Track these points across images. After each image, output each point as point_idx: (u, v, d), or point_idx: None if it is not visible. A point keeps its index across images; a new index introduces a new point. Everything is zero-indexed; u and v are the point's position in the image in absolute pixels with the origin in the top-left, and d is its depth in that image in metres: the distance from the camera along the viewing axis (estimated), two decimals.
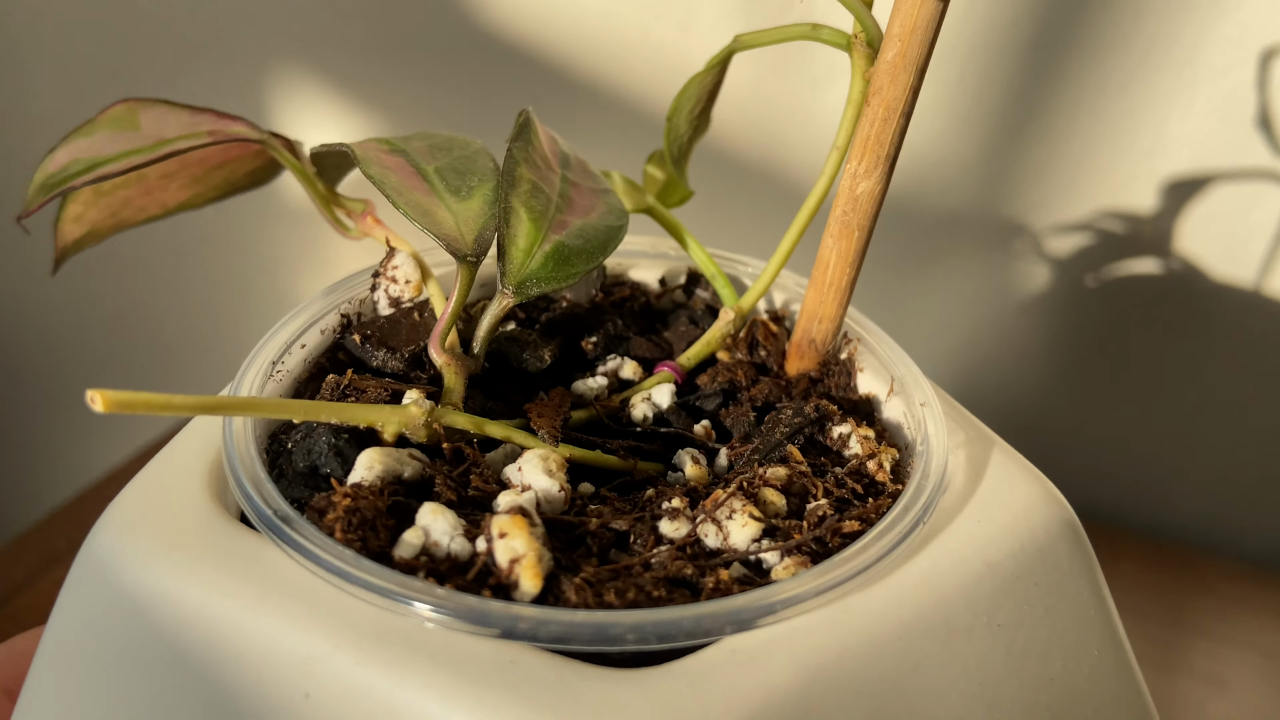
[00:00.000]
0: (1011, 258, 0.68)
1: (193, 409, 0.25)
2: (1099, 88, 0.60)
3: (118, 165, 0.39)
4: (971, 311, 0.71)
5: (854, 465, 0.31)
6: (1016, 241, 0.68)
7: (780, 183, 0.72)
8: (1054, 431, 0.73)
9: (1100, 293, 0.67)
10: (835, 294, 0.35)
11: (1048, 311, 0.70)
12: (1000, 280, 0.70)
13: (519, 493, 0.29)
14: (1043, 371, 0.72)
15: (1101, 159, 0.63)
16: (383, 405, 0.29)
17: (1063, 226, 0.66)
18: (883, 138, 0.33)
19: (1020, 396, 0.73)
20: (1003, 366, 0.73)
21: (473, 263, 0.34)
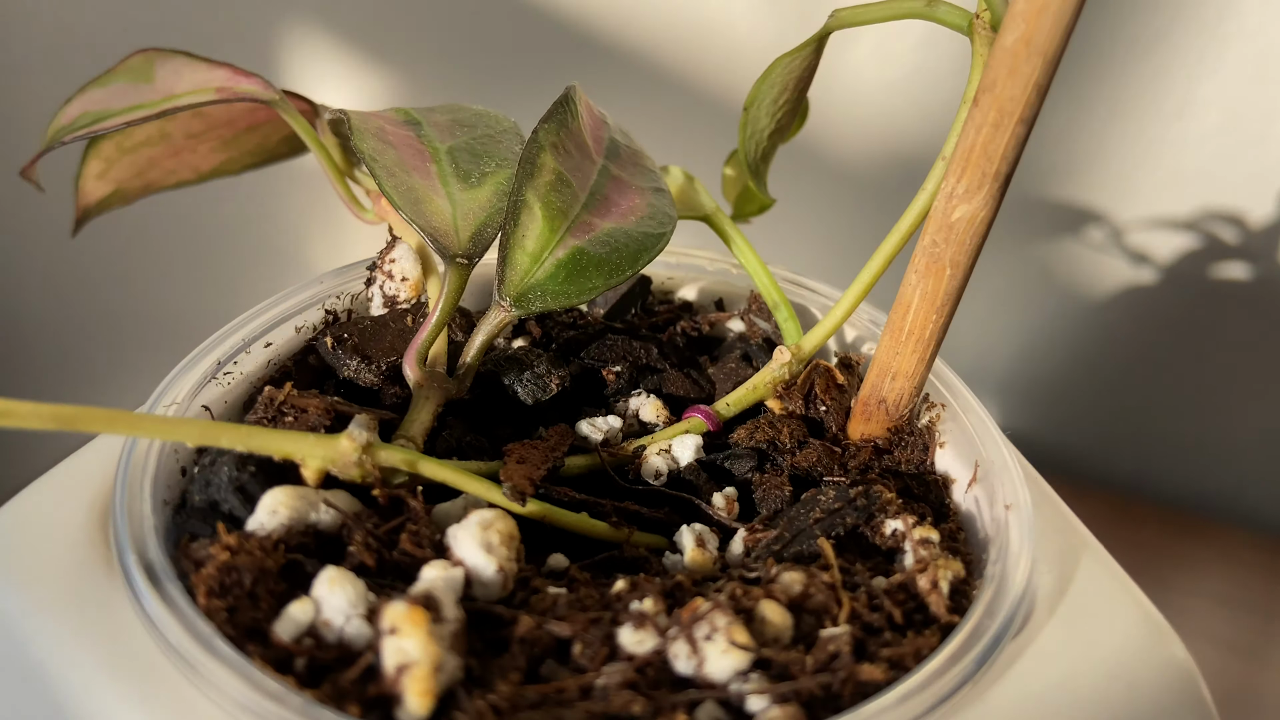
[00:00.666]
0: (1033, 224, 0.63)
1: (37, 420, 0.20)
2: (1127, 46, 0.56)
3: (120, 119, 0.35)
4: (988, 284, 0.65)
5: (900, 579, 0.24)
6: (1038, 208, 0.63)
7: (875, 196, 0.64)
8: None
9: (1130, 259, 0.63)
10: (916, 345, 0.28)
11: (1071, 282, 0.65)
12: (1024, 249, 0.65)
13: (448, 567, 0.22)
14: (1063, 340, 0.67)
15: (1128, 122, 0.59)
16: (305, 434, 0.24)
17: (1089, 191, 0.62)
18: (991, 149, 0.25)
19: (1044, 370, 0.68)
20: (1026, 339, 0.68)
21: (463, 264, 0.28)
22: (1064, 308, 0.66)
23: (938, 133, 0.60)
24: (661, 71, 0.64)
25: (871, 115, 0.62)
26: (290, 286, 0.31)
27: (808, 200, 0.64)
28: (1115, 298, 0.64)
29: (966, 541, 0.26)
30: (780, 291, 0.33)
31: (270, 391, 0.26)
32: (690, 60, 0.63)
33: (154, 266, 0.85)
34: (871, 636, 0.22)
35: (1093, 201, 0.62)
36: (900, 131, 0.62)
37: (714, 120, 0.62)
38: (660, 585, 0.23)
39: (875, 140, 0.62)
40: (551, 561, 0.26)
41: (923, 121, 0.61)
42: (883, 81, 0.60)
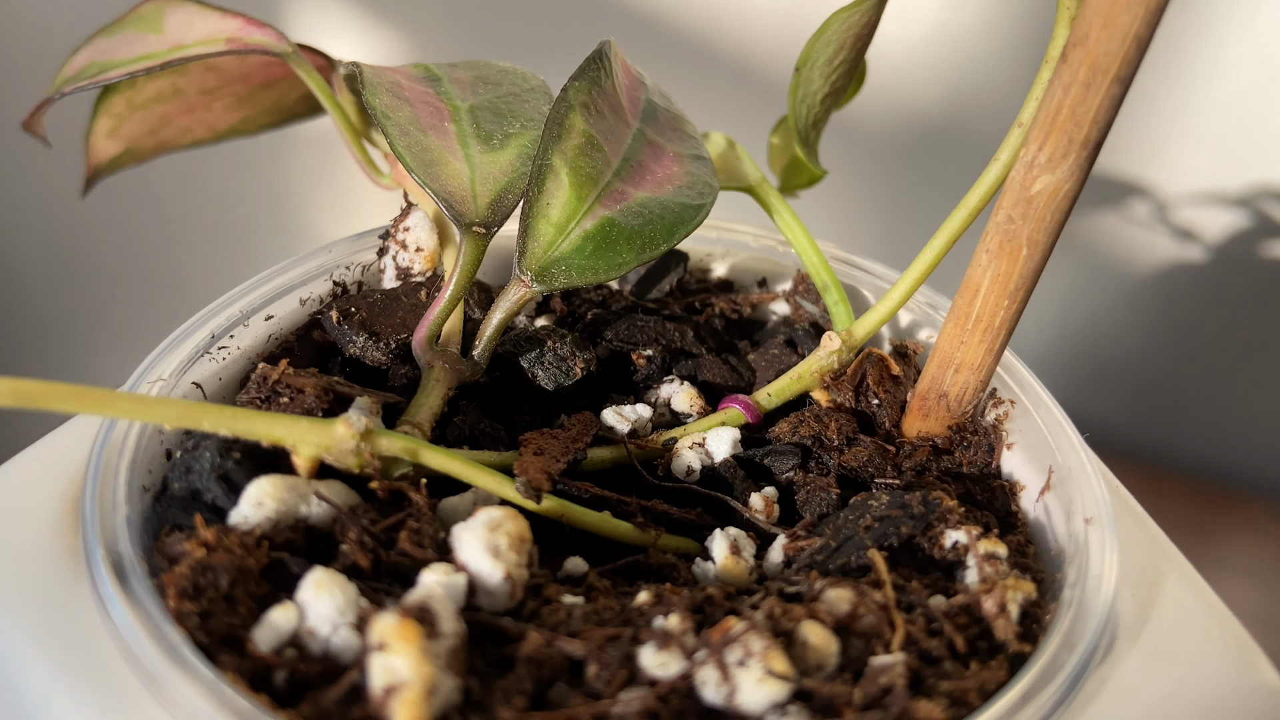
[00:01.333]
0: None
1: None
2: None
3: (126, 69, 0.33)
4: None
5: (962, 600, 0.21)
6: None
7: (938, 169, 0.60)
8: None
9: (1156, 229, 0.60)
10: (984, 334, 0.25)
11: (1097, 252, 0.62)
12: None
13: (449, 572, 0.20)
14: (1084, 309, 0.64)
15: (1157, 84, 0.56)
16: (297, 418, 0.21)
17: (1116, 158, 0.59)
18: (1080, 112, 0.22)
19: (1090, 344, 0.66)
20: (1052, 310, 0.65)
21: (480, 233, 0.25)
22: (1090, 278, 0.64)
23: (1011, 98, 0.56)
24: (705, 30, 0.60)
25: (935, 78, 0.58)
26: (296, 255, 0.29)
27: (862, 173, 0.60)
28: (1141, 268, 0.62)
29: (1037, 557, 0.23)
30: (830, 271, 0.30)
31: (264, 369, 0.24)
32: (736, 18, 0.60)
33: (163, 229, 0.83)
34: (929, 666, 0.19)
35: (1120, 169, 0.59)
36: (968, 96, 0.58)
37: (761, 85, 0.59)
38: (689, 599, 0.21)
39: (939, 106, 0.58)
40: (569, 565, 0.23)
41: (994, 85, 0.57)
42: (948, 40, 0.57)
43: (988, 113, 0.58)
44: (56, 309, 0.89)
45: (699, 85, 0.59)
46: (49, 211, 0.81)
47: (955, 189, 0.29)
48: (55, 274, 0.86)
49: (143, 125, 0.38)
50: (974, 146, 0.59)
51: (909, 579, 0.22)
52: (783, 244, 0.31)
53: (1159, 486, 0.63)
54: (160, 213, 0.81)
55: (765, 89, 0.58)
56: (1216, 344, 0.64)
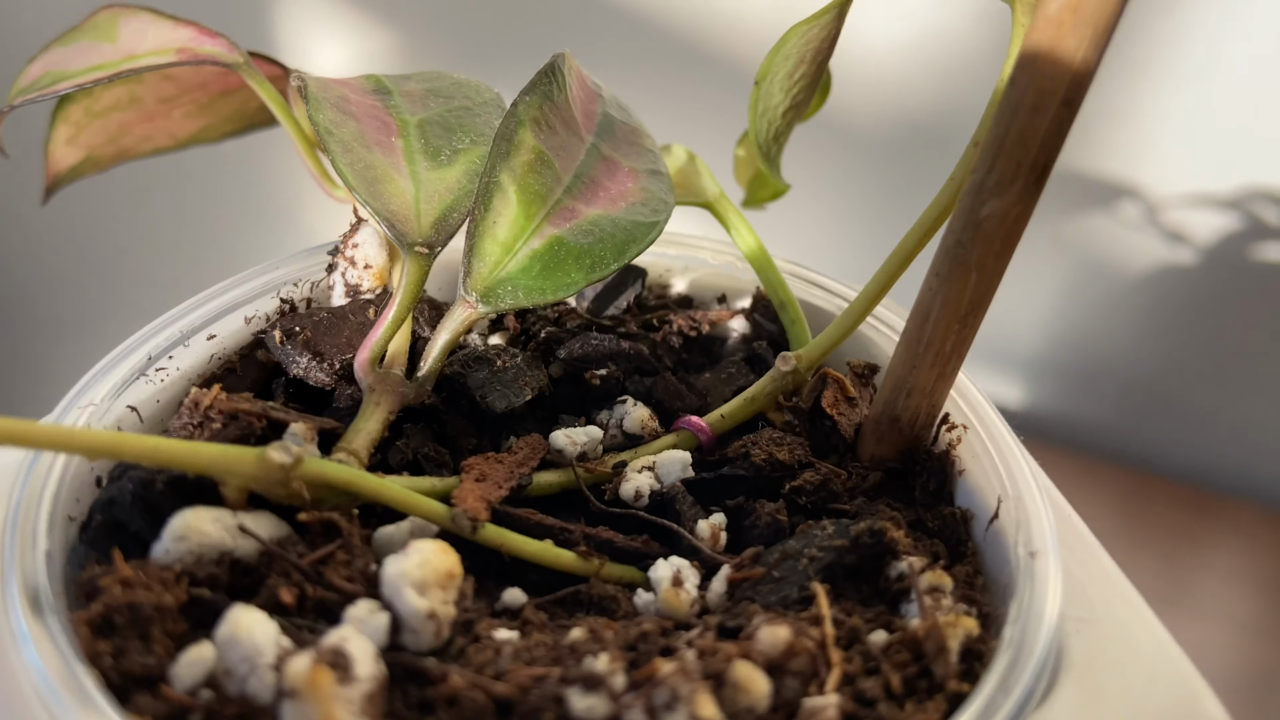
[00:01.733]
0: (1045, 193, 0.60)
1: None
2: (1147, 3, 0.53)
3: (76, 80, 0.32)
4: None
5: (903, 637, 0.20)
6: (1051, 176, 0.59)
7: (904, 183, 0.60)
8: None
9: (1146, 231, 0.59)
10: (935, 359, 0.24)
11: (1085, 254, 0.62)
12: (1035, 220, 0.61)
13: (374, 610, 0.19)
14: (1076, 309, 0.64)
15: (1147, 83, 0.56)
16: (223, 448, 0.21)
17: (1105, 159, 0.59)
18: (1028, 134, 0.21)
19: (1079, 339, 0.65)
20: (1040, 313, 0.65)
21: (422, 254, 0.25)
22: (1080, 280, 0.63)
23: (975, 116, 0.56)
24: (671, 39, 0.60)
25: (899, 93, 0.57)
26: (243, 271, 0.28)
27: (828, 186, 0.60)
28: (1131, 270, 0.61)
29: (985, 588, 0.23)
30: (787, 289, 0.29)
31: (196, 394, 0.23)
32: (701, 27, 0.59)
33: (127, 233, 0.82)
34: (864, 708, 0.19)
35: (1109, 171, 0.59)
36: (934, 113, 0.58)
37: (729, 94, 0.58)
38: (623, 635, 0.20)
39: (903, 122, 0.58)
40: (506, 596, 0.22)
41: (960, 102, 0.57)
42: (912, 56, 0.56)
43: (954, 130, 0.58)
44: (11, 312, 0.88)
45: (663, 95, 0.58)
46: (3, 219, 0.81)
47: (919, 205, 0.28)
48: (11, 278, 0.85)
49: (102, 133, 0.38)
50: (940, 163, 0.59)
51: (851, 613, 0.21)
52: (743, 259, 0.31)
53: (1148, 489, 0.63)
54: (120, 218, 0.80)
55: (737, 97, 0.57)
56: (1206, 347, 0.63)
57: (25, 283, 0.86)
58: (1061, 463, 0.63)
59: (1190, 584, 0.55)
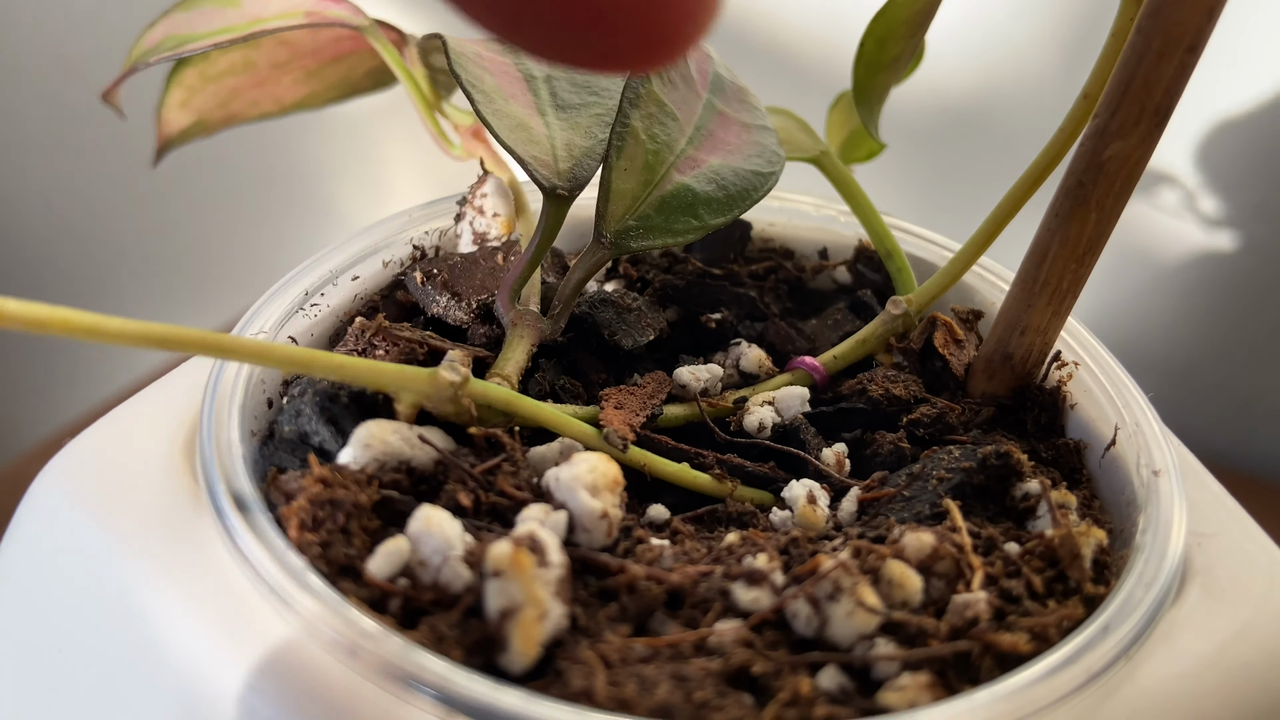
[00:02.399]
0: None
1: (124, 338, 0.19)
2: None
3: (206, 42, 0.34)
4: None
5: (1037, 546, 0.22)
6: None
7: (1001, 138, 0.60)
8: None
9: (1177, 212, 0.59)
10: (1051, 297, 0.25)
11: (1116, 237, 0.61)
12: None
13: (549, 511, 0.21)
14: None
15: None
16: (400, 367, 0.22)
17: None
18: (1153, 80, 0.22)
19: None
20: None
21: (563, 196, 0.26)
22: (1117, 266, 0.63)
23: (1068, 72, 0.57)
24: (761, 9, 0.61)
25: (992, 55, 0.58)
26: (380, 219, 0.30)
27: (918, 148, 0.61)
28: (1169, 256, 0.62)
29: (1103, 509, 0.24)
30: (893, 239, 0.30)
31: (361, 322, 0.25)
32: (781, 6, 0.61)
33: (225, 202, 0.84)
34: (1010, 604, 0.20)
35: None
36: (1025, 72, 0.58)
37: (817, 66, 0.59)
38: (775, 540, 0.22)
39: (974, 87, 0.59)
40: (651, 512, 0.24)
41: (1049, 60, 0.58)
42: (1006, 15, 0.57)
43: (1046, 88, 0.58)
44: (121, 273, 0.90)
45: (753, 63, 0.60)
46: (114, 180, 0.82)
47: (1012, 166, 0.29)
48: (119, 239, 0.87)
49: (214, 98, 0.40)
50: (1017, 123, 0.60)
51: (983, 527, 0.23)
52: (844, 214, 0.32)
53: None
54: (221, 185, 0.82)
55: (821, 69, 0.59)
56: (1243, 333, 0.64)
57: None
58: None
59: None
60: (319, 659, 0.18)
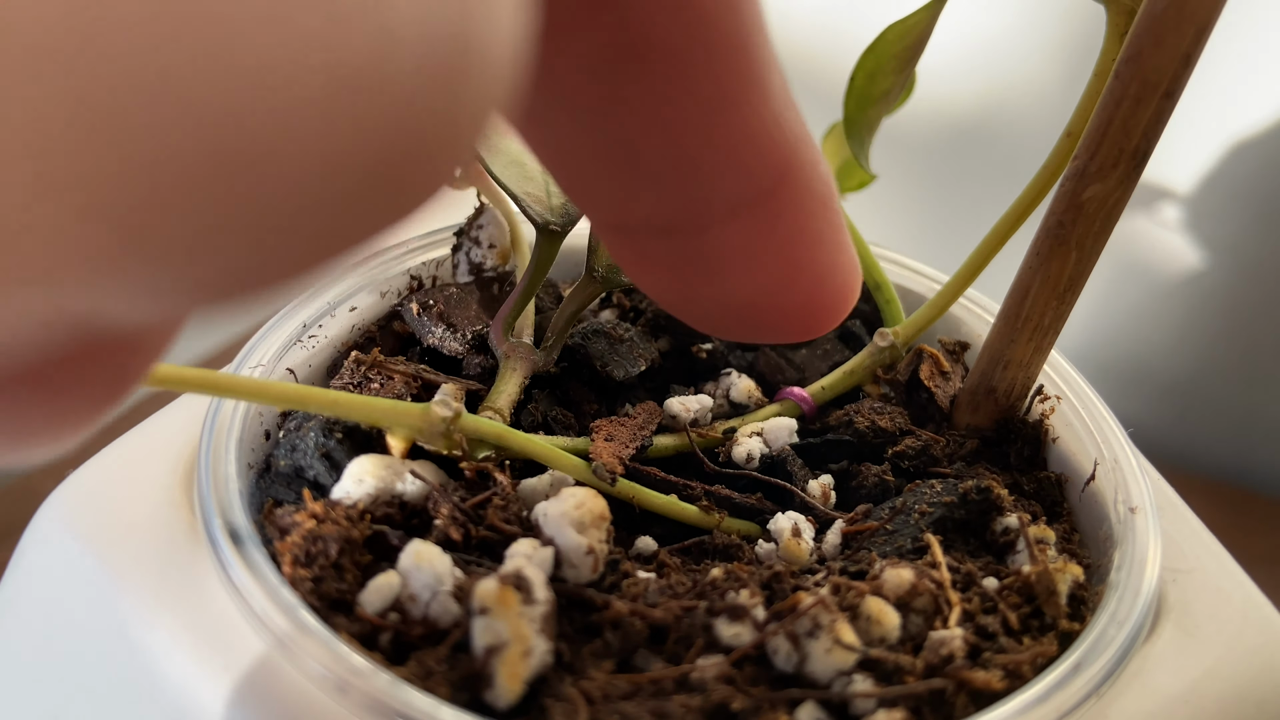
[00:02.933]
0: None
1: None
2: None
3: None
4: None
5: (1015, 582, 0.22)
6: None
7: (990, 173, 0.61)
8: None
9: (1177, 230, 0.60)
10: (1032, 333, 0.26)
11: (1117, 254, 0.61)
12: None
13: (537, 546, 0.22)
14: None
15: (1187, 89, 0.56)
16: (392, 402, 0.23)
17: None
18: (1131, 124, 0.23)
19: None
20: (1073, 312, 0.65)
21: (556, 231, 0.27)
22: (1119, 281, 0.64)
23: (1046, 104, 0.57)
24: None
25: (981, 91, 0.59)
26: (378, 250, 0.30)
27: (909, 179, 0.62)
28: (1170, 272, 0.62)
29: (1081, 544, 0.25)
30: (882, 271, 0.31)
31: (357, 355, 0.26)
32: (788, 29, 0.61)
33: None
34: (985, 641, 0.21)
35: (1150, 173, 0.60)
36: (1003, 102, 0.59)
37: (812, 92, 0.60)
38: (758, 575, 0.22)
39: (972, 113, 0.60)
40: (639, 544, 0.24)
41: (1038, 96, 0.59)
42: (994, 51, 0.58)
43: (1022, 118, 0.59)
44: None
45: None
46: None
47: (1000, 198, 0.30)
48: None
49: None
50: (1007, 152, 0.60)
51: (962, 562, 0.23)
52: None
53: (1187, 489, 0.64)
54: None
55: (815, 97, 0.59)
56: (1244, 348, 0.64)
57: None
58: None
59: None
60: (310, 695, 0.19)
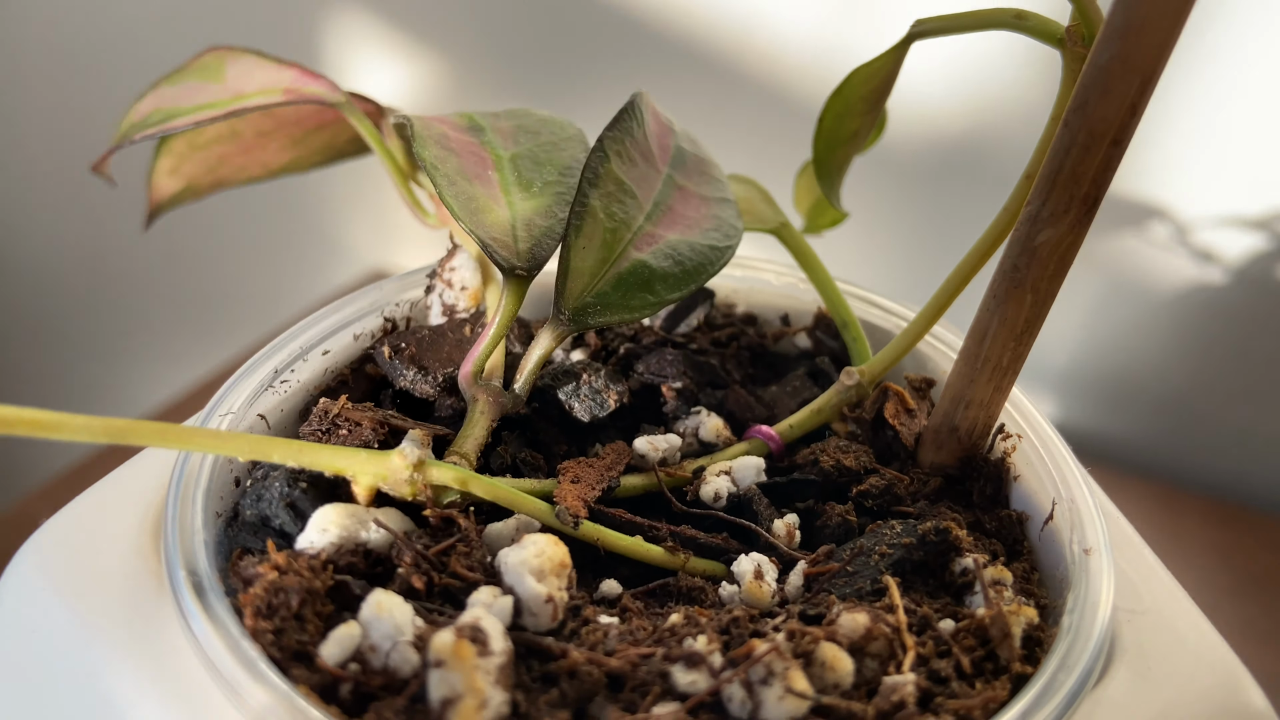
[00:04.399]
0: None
1: (89, 434, 0.20)
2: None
3: (190, 118, 0.35)
4: None
5: (969, 624, 0.22)
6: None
7: (957, 209, 0.62)
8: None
9: (1174, 249, 0.61)
10: (992, 373, 0.26)
11: (1114, 272, 0.63)
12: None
13: (497, 595, 0.22)
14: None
15: (1171, 109, 0.57)
16: (356, 451, 0.23)
17: (1132, 181, 0.61)
18: (1080, 171, 0.23)
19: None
20: (1069, 329, 0.67)
21: (521, 276, 0.27)
22: (1111, 298, 0.65)
23: (1023, 146, 0.58)
24: (737, 76, 0.63)
25: (952, 126, 0.60)
26: (349, 293, 0.31)
27: (884, 213, 0.62)
28: (1161, 289, 0.63)
29: (1040, 583, 0.25)
30: (849, 309, 0.31)
31: (324, 404, 0.26)
32: (766, 65, 0.62)
33: (221, 252, 0.86)
34: (938, 685, 0.21)
35: (1139, 191, 0.61)
36: (983, 144, 0.60)
37: (790, 125, 0.61)
38: (716, 621, 0.23)
39: (956, 153, 0.60)
40: (604, 587, 0.25)
41: (1007, 134, 0.59)
42: (963, 91, 0.59)
43: (1003, 160, 0.60)
44: (98, 324, 0.92)
45: (729, 127, 0.61)
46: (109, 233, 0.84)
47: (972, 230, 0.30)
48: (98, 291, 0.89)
49: (202, 164, 0.41)
50: (990, 190, 0.61)
51: (920, 603, 0.23)
52: (804, 281, 0.33)
53: (1179, 505, 0.64)
54: (202, 232, 0.84)
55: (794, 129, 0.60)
56: (1236, 363, 0.65)
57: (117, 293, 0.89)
58: (1094, 478, 0.65)
59: (1225, 599, 0.56)
60: None
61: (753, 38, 0.62)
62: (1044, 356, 0.68)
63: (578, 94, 0.67)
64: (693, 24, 0.63)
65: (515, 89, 0.70)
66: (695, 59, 0.63)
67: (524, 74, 0.69)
